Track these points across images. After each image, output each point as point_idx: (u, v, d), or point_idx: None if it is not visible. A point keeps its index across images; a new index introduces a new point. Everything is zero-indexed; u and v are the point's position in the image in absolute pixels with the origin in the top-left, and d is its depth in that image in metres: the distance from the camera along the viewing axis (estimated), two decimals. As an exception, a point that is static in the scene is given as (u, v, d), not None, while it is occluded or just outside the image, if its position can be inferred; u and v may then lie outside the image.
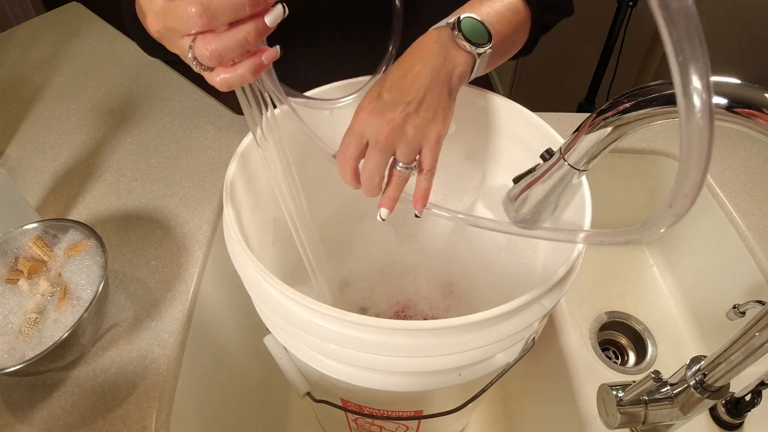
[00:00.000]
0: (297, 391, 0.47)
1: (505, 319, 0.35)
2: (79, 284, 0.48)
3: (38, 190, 0.66)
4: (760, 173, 0.71)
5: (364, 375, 0.39)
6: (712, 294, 0.72)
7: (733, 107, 0.27)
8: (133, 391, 0.47)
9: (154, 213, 0.63)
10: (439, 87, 0.40)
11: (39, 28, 0.97)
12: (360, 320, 0.33)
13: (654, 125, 0.31)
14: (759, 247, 0.63)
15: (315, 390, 0.48)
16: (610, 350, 0.76)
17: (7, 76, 0.86)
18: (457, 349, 0.35)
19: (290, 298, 0.35)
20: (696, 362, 0.41)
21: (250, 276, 0.38)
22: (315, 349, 0.39)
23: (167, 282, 0.56)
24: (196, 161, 0.70)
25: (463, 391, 0.46)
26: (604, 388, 0.48)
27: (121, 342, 0.51)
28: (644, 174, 0.78)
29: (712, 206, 0.70)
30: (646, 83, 0.31)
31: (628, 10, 1.31)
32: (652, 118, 0.31)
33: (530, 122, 0.49)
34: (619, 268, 0.85)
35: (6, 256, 0.50)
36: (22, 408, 0.46)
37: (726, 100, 0.27)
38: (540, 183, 0.40)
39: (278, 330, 0.42)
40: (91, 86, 0.83)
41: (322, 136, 0.52)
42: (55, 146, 0.72)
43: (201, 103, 0.79)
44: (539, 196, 0.40)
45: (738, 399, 0.49)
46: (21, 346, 0.44)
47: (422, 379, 0.39)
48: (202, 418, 0.54)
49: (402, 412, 0.49)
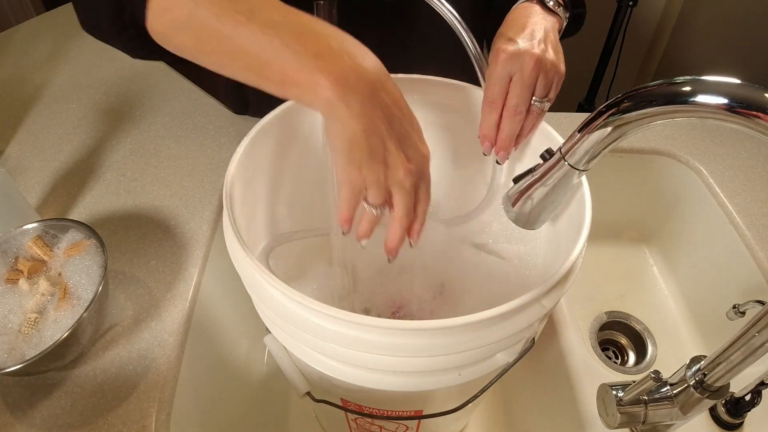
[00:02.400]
0: (297, 391, 0.47)
1: (505, 319, 0.35)
2: (79, 284, 0.48)
3: (38, 189, 0.66)
4: (760, 173, 0.71)
5: (363, 375, 0.39)
6: (712, 294, 0.72)
7: (733, 107, 0.27)
8: (133, 391, 0.47)
9: (154, 213, 0.63)
10: (553, 32, 0.47)
11: (39, 28, 0.97)
12: (360, 320, 0.33)
13: (654, 125, 0.31)
14: (759, 247, 0.63)
15: (315, 390, 0.48)
16: (609, 350, 0.76)
17: (7, 76, 0.86)
18: (457, 348, 0.35)
19: (290, 298, 0.35)
20: (696, 362, 0.41)
21: (250, 276, 0.38)
22: (315, 349, 0.39)
23: (167, 282, 0.56)
24: (196, 161, 0.70)
25: (463, 390, 0.46)
26: (604, 387, 0.48)
27: (121, 342, 0.51)
28: (644, 174, 0.78)
29: (712, 206, 0.70)
30: (646, 83, 0.31)
31: (628, 10, 1.31)
32: (652, 118, 0.31)
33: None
34: (619, 268, 0.85)
35: (6, 255, 0.50)
36: (22, 408, 0.46)
37: (726, 100, 0.27)
38: (540, 183, 0.40)
39: (278, 330, 0.42)
40: (91, 86, 0.83)
41: (317, 136, 0.53)
42: (55, 146, 0.72)
43: (201, 103, 0.79)
44: (539, 196, 0.40)
45: (738, 399, 0.49)
46: (21, 345, 0.44)
47: (422, 378, 0.39)
48: (202, 417, 0.54)
49: (402, 411, 0.49)
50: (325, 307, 0.33)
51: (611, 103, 0.32)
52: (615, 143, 0.34)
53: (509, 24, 0.48)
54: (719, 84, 0.28)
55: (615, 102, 0.32)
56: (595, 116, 0.34)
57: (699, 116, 0.29)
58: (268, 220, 0.51)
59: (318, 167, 0.54)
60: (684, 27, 1.43)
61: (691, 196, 0.75)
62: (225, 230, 0.41)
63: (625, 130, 0.33)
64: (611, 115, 0.32)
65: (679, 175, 0.75)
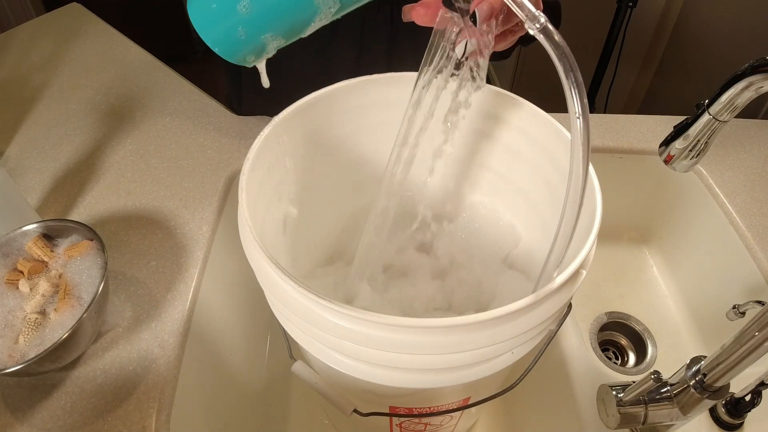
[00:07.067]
0: (343, 411, 0.45)
1: (555, 294, 0.35)
2: (79, 285, 0.48)
3: (38, 190, 0.66)
4: (760, 173, 0.71)
5: (416, 377, 0.38)
6: (712, 294, 0.72)
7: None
8: (133, 392, 0.47)
9: (154, 213, 0.63)
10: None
11: (39, 29, 0.97)
12: (412, 323, 0.32)
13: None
14: (759, 247, 0.63)
15: (360, 404, 0.46)
16: (610, 350, 0.76)
17: (7, 77, 0.86)
18: (511, 333, 0.34)
19: (337, 311, 0.33)
20: (696, 362, 0.41)
21: (298, 301, 0.36)
22: (361, 360, 0.37)
23: (167, 282, 0.56)
24: (196, 162, 0.70)
25: (512, 370, 0.45)
26: (604, 388, 0.49)
27: (121, 342, 0.51)
28: (644, 174, 0.78)
29: (712, 206, 0.70)
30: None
31: (628, 10, 1.31)
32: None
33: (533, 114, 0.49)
34: (619, 268, 0.85)
35: (6, 256, 0.50)
36: (22, 408, 0.46)
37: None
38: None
39: (320, 347, 0.39)
40: (92, 87, 0.83)
41: (326, 136, 0.52)
42: (55, 147, 0.72)
43: (201, 104, 0.79)
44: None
45: (738, 399, 0.49)
46: (21, 346, 0.44)
47: (478, 367, 0.39)
48: (202, 418, 0.54)
49: (451, 404, 0.48)
50: (369, 314, 0.32)
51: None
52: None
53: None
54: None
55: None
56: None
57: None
58: (281, 217, 0.51)
59: (333, 167, 0.54)
60: (684, 27, 1.43)
61: (691, 197, 0.75)
62: (242, 234, 0.39)
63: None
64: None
65: (679, 176, 0.75)
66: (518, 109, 0.49)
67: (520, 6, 0.32)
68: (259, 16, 0.38)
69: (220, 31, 0.39)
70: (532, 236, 0.54)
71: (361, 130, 0.53)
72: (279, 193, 0.49)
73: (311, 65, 0.68)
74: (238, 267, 0.65)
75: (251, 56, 0.41)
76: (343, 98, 0.50)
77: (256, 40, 0.39)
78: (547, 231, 0.50)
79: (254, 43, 0.40)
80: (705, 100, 0.46)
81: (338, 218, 0.60)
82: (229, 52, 0.40)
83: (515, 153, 0.52)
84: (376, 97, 0.51)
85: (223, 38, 0.39)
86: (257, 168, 0.43)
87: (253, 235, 0.37)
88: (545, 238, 0.52)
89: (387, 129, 0.50)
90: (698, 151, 0.49)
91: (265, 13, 0.38)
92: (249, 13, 0.38)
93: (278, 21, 0.39)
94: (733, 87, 0.42)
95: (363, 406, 0.46)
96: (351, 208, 0.60)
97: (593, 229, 0.38)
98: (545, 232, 0.51)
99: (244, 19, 0.38)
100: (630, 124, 0.78)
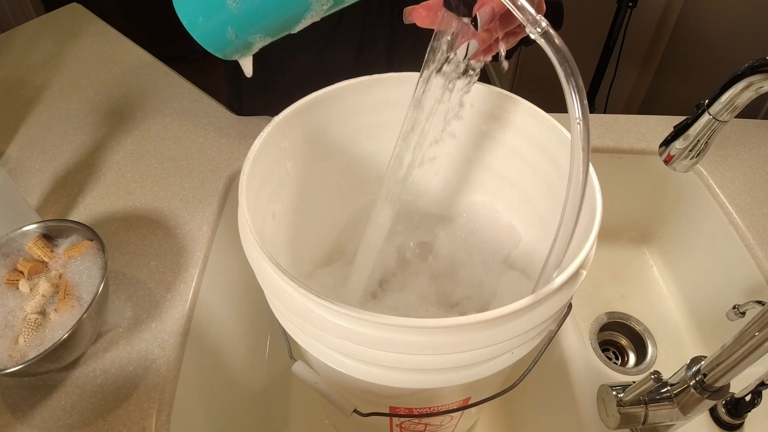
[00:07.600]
0: (343, 411, 0.45)
1: (555, 294, 0.35)
2: (79, 285, 0.48)
3: (38, 190, 0.66)
4: (760, 173, 0.71)
5: (416, 377, 0.38)
6: (712, 294, 0.72)
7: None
8: (133, 392, 0.47)
9: (154, 213, 0.63)
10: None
11: (39, 29, 0.97)
12: (412, 323, 0.32)
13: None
14: (759, 247, 0.63)
15: (360, 404, 0.46)
16: (610, 351, 0.76)
17: (7, 77, 0.86)
18: (512, 333, 0.34)
19: (337, 311, 0.33)
20: (696, 362, 0.41)
21: (293, 299, 0.36)
22: (360, 360, 0.37)
23: (167, 283, 0.56)
24: (196, 162, 0.70)
25: (512, 370, 0.45)
26: (604, 388, 0.49)
27: (121, 343, 0.51)
28: (644, 174, 0.78)
29: (712, 206, 0.70)
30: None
31: (628, 10, 1.31)
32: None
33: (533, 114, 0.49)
34: (619, 268, 0.85)
35: (6, 257, 0.50)
36: (22, 408, 0.46)
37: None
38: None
39: (320, 347, 0.39)
40: (92, 87, 0.83)
41: (326, 136, 0.52)
42: (56, 147, 0.72)
43: (201, 104, 0.79)
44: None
45: (738, 399, 0.49)
46: (21, 346, 0.44)
47: (478, 367, 0.39)
48: (202, 418, 0.54)
49: (451, 404, 0.48)
50: (369, 314, 0.32)
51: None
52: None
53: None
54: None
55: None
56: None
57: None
58: (279, 220, 0.51)
59: (333, 168, 0.54)
60: (684, 27, 1.43)
61: (691, 197, 0.75)
62: (242, 236, 0.39)
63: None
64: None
65: (679, 176, 0.75)
66: (518, 109, 0.49)
67: (521, 10, 0.32)
68: (249, 12, 0.37)
69: (209, 27, 0.38)
70: (533, 236, 0.54)
71: (362, 130, 0.53)
72: (279, 193, 0.49)
73: (311, 65, 0.68)
74: (238, 267, 0.65)
75: (237, 54, 0.41)
76: (343, 98, 0.50)
77: (244, 38, 0.39)
78: (547, 231, 0.50)
79: (242, 41, 0.39)
80: (705, 100, 0.46)
81: (338, 218, 0.60)
82: (217, 49, 0.40)
83: (515, 153, 0.52)
84: (376, 97, 0.51)
85: (212, 34, 0.39)
86: (257, 168, 0.43)
87: (253, 236, 0.37)
88: (545, 238, 0.52)
89: (387, 129, 0.51)
90: (698, 151, 0.49)
91: (255, 10, 0.37)
92: (239, 8, 0.37)
93: (268, 17, 0.38)
94: (733, 87, 0.42)
95: (363, 407, 0.46)
96: (351, 208, 0.60)
97: (593, 229, 0.38)
98: (545, 232, 0.51)
99: (233, 15, 0.37)
100: (630, 124, 0.78)
